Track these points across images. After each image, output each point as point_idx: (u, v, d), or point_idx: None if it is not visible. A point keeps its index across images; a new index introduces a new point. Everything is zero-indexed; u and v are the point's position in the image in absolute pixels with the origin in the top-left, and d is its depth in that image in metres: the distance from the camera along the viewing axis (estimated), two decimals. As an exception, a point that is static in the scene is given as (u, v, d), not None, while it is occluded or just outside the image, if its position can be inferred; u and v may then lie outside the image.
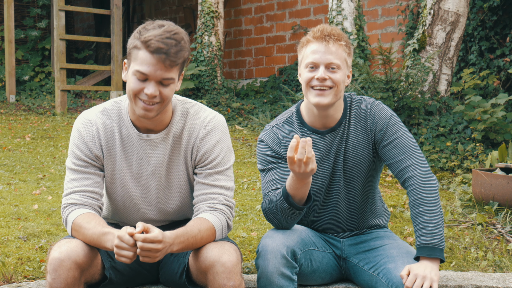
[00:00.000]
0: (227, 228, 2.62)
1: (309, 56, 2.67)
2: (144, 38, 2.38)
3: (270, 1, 11.28)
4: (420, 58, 6.79)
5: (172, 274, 2.72)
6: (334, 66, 2.65)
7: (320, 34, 2.66)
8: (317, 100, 2.65)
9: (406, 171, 2.66)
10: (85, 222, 2.46)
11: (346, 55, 2.69)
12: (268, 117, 8.36)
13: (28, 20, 11.95)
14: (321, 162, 2.77)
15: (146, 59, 2.38)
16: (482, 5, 8.01)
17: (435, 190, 2.63)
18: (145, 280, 2.83)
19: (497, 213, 4.33)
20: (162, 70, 2.40)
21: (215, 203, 2.59)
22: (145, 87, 2.42)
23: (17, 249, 3.50)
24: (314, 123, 2.78)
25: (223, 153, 2.61)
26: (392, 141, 2.71)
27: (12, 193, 4.91)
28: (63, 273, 2.36)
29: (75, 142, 2.60)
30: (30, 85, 10.83)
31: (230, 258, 2.43)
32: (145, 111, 2.45)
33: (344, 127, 2.77)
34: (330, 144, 2.77)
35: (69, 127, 8.13)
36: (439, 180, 5.58)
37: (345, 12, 7.43)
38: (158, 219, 2.72)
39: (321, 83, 2.64)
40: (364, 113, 2.77)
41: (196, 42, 9.96)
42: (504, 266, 3.55)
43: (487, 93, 7.62)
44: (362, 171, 2.79)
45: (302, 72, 2.72)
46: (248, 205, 4.62)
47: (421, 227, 2.57)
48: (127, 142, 2.61)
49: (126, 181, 2.65)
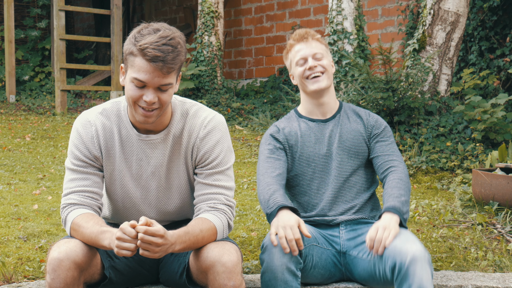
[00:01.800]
0: (228, 228, 2.62)
1: (296, 55, 3.04)
2: (140, 46, 2.37)
3: (270, 1, 11.28)
4: (420, 58, 6.79)
5: (172, 274, 2.72)
6: (319, 55, 3.02)
7: (298, 37, 3.06)
8: (315, 86, 2.99)
9: (391, 164, 2.97)
10: (84, 221, 2.47)
11: (324, 46, 3.07)
12: (268, 117, 8.36)
13: (28, 20, 11.95)
14: (317, 144, 3.04)
15: (143, 66, 2.38)
16: (482, 5, 8.01)
17: (409, 182, 2.93)
18: (145, 280, 2.83)
19: (497, 213, 4.33)
20: (160, 77, 2.39)
21: (216, 203, 2.59)
22: (144, 94, 2.42)
23: (17, 249, 3.50)
24: (312, 114, 3.09)
25: (223, 153, 2.62)
26: (386, 141, 3.04)
27: (12, 193, 4.91)
28: (62, 273, 2.36)
29: (74, 143, 2.60)
30: (30, 85, 10.83)
31: (230, 258, 2.43)
32: (145, 117, 2.47)
33: (339, 117, 3.09)
34: (325, 129, 3.06)
35: (69, 127, 8.13)
36: (439, 180, 5.59)
37: (345, 12, 7.42)
38: (158, 219, 2.72)
39: (313, 71, 2.99)
40: (364, 112, 3.12)
41: (196, 42, 9.96)
42: (504, 266, 3.55)
43: (487, 93, 7.62)
44: (356, 151, 3.04)
45: (294, 71, 3.07)
46: (248, 205, 4.62)
47: (394, 194, 2.82)
48: (127, 143, 2.62)
49: (126, 182, 2.65)
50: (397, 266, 2.59)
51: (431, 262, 2.61)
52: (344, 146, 3.02)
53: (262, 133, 7.85)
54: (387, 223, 2.71)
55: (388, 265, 2.65)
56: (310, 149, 3.03)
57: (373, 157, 3.03)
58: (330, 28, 7.41)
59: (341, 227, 2.98)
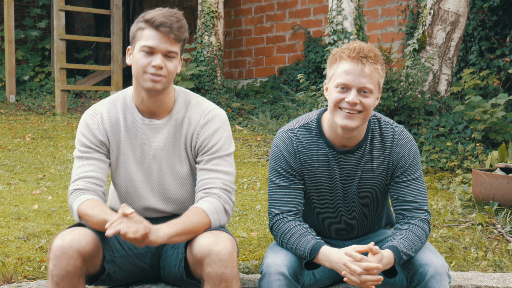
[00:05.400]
0: (224, 213, 2.63)
1: (341, 75, 2.54)
2: (148, 18, 2.57)
3: (270, 1, 11.28)
4: (420, 58, 6.79)
5: (171, 267, 2.72)
6: (366, 90, 2.54)
7: (356, 55, 2.53)
8: (345, 122, 2.55)
9: (408, 215, 2.66)
10: (89, 209, 2.55)
11: (380, 77, 2.58)
12: (268, 117, 8.36)
13: (28, 20, 11.95)
14: (333, 181, 2.71)
15: (152, 34, 2.56)
16: (482, 5, 8.01)
17: (425, 239, 2.64)
18: (146, 276, 2.83)
19: (497, 213, 4.33)
20: (167, 43, 2.57)
21: (212, 188, 2.64)
22: (152, 60, 2.56)
23: (17, 249, 3.50)
24: (334, 140, 2.68)
25: (222, 140, 2.69)
26: (407, 181, 2.68)
27: (12, 193, 4.91)
28: (64, 260, 2.41)
29: (81, 131, 2.72)
30: (30, 85, 10.83)
31: (225, 247, 2.44)
32: (153, 82, 2.57)
33: (363, 151, 2.69)
34: (344, 164, 2.69)
35: (69, 127, 8.13)
36: (439, 180, 5.59)
37: (345, 12, 7.42)
38: (160, 208, 2.77)
39: (350, 107, 2.53)
40: (390, 144, 2.70)
41: (196, 42, 9.96)
42: (504, 266, 3.55)
43: (487, 93, 7.62)
44: (375, 194, 2.75)
45: (331, 89, 2.60)
46: (248, 205, 4.62)
47: (402, 237, 2.58)
48: (132, 127, 2.71)
49: (129, 166, 2.73)
50: (416, 278, 2.56)
51: (449, 274, 2.57)
52: (363, 192, 2.72)
53: (262, 133, 7.85)
54: (385, 262, 2.50)
55: (406, 273, 2.62)
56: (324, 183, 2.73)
57: (392, 196, 2.72)
58: (330, 28, 7.41)
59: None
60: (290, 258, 2.60)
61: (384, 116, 2.77)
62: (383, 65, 2.61)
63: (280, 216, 2.67)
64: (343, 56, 2.55)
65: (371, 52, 2.55)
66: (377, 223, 2.89)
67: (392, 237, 2.61)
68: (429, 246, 2.67)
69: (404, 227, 2.63)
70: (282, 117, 8.44)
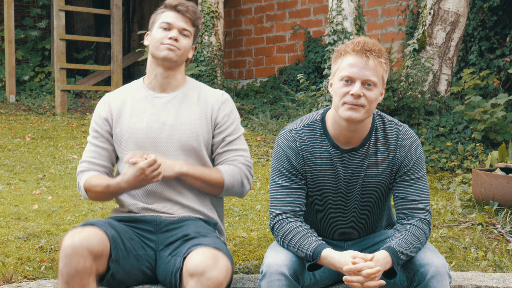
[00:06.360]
0: (241, 185, 2.88)
1: (345, 68, 2.55)
2: (166, 2, 2.91)
3: (270, 1, 11.28)
4: (420, 58, 6.79)
5: (167, 273, 2.72)
6: (370, 83, 2.54)
7: (360, 48, 2.54)
8: (349, 114, 2.54)
9: (408, 214, 2.66)
10: (93, 180, 2.83)
11: (384, 72, 2.59)
12: (268, 117, 8.36)
13: (28, 20, 11.95)
14: (336, 180, 2.70)
15: (169, 14, 2.89)
16: (482, 5, 8.01)
17: (425, 239, 2.63)
18: (146, 279, 2.83)
19: (497, 213, 4.33)
20: (183, 22, 2.88)
21: (236, 163, 2.89)
22: (168, 34, 2.86)
23: (17, 249, 3.50)
24: (338, 137, 2.67)
25: (237, 120, 2.96)
26: (411, 180, 2.68)
27: (12, 193, 4.91)
28: (74, 259, 2.44)
29: (93, 119, 2.96)
30: (30, 85, 10.83)
31: (218, 276, 2.47)
32: (169, 51, 2.84)
33: (367, 149, 2.68)
34: (348, 163, 2.68)
35: (69, 127, 8.13)
36: (439, 180, 5.59)
37: (345, 12, 7.42)
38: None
39: (355, 100, 2.53)
40: (395, 142, 2.70)
41: (196, 42, 9.96)
42: (504, 266, 3.55)
43: (487, 93, 7.62)
44: (379, 194, 2.75)
45: (335, 84, 2.60)
46: (248, 205, 4.62)
47: (400, 238, 2.58)
48: (139, 102, 2.92)
49: (136, 134, 2.87)
50: (417, 278, 2.55)
51: (450, 274, 2.56)
52: (366, 191, 2.72)
53: (262, 133, 7.85)
54: (381, 264, 2.49)
55: (406, 273, 2.61)
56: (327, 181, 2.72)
57: (394, 194, 2.72)
58: (330, 28, 7.41)
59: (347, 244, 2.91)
60: (291, 258, 2.59)
61: (388, 115, 2.76)
62: (388, 60, 2.61)
63: (282, 216, 2.66)
64: (348, 50, 2.56)
65: (375, 46, 2.57)
66: (378, 224, 2.88)
67: (390, 239, 2.61)
68: (430, 246, 2.67)
69: (403, 228, 2.63)
70: (282, 117, 8.45)
